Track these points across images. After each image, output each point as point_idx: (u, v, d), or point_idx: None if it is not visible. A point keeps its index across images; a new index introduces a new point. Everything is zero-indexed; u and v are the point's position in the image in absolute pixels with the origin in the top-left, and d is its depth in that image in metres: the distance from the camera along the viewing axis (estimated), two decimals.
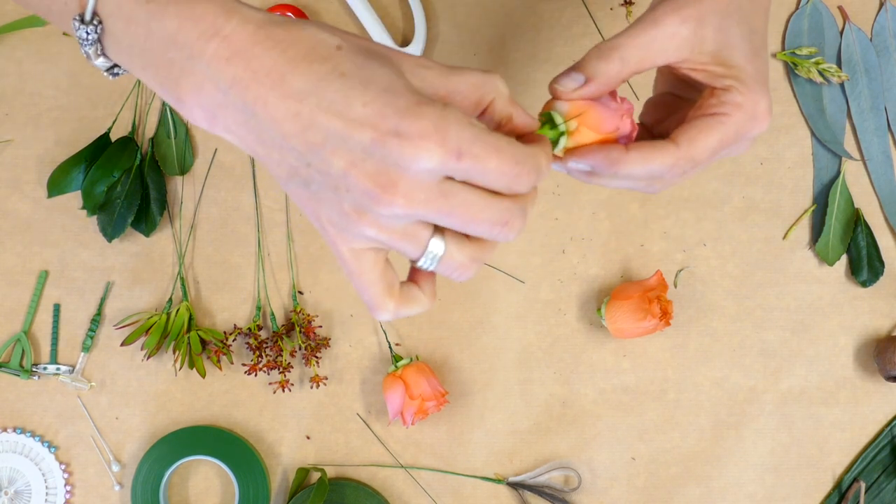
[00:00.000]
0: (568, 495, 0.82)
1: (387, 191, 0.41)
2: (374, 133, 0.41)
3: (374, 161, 0.41)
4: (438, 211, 0.43)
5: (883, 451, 0.82)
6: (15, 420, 0.82)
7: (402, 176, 0.41)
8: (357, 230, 0.43)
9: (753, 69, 0.53)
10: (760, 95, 0.52)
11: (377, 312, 0.48)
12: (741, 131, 0.52)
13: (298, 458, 0.82)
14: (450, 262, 0.46)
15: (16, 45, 0.83)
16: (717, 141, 0.52)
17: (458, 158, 0.41)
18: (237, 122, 0.44)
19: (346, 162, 0.42)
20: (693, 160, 0.52)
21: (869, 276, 0.82)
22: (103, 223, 0.81)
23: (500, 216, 0.44)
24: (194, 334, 0.80)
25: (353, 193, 0.42)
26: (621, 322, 0.78)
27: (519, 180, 0.44)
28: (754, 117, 0.52)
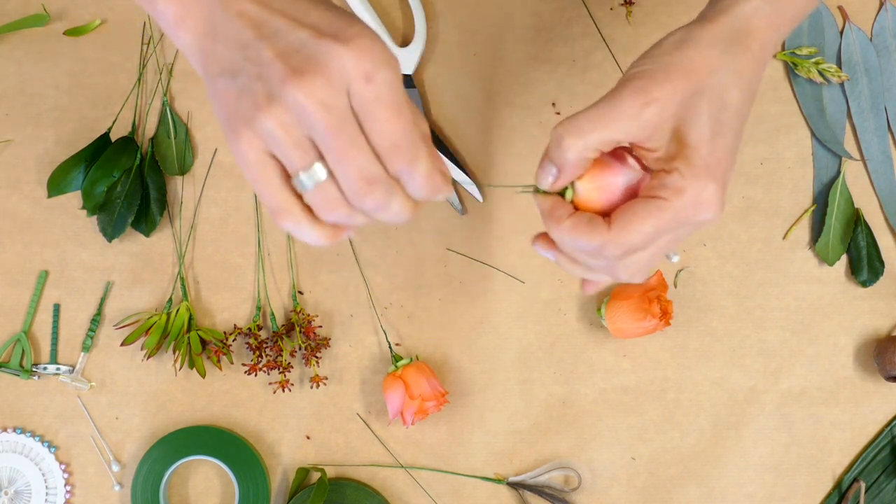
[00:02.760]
0: (568, 495, 0.82)
1: (297, 75, 0.44)
2: (315, 32, 0.45)
3: (301, 53, 0.44)
4: (329, 125, 0.44)
5: (883, 451, 0.82)
6: (15, 420, 0.82)
7: (318, 67, 0.44)
8: (261, 120, 0.45)
9: (708, 151, 0.51)
10: (708, 181, 0.50)
11: (278, 216, 0.48)
12: (680, 218, 0.50)
13: (298, 458, 0.82)
14: (325, 191, 0.47)
15: (16, 45, 0.83)
16: (651, 227, 0.50)
17: (366, 81, 0.44)
18: (202, 16, 0.48)
19: (276, 52, 0.45)
20: (624, 245, 0.51)
21: (869, 276, 0.82)
22: (103, 223, 0.81)
23: (369, 173, 0.46)
24: (194, 334, 0.80)
25: (271, 79, 0.45)
26: (621, 322, 0.78)
27: (395, 152, 0.46)
28: (696, 204, 0.50)
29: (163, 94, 0.83)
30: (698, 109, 0.51)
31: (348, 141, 0.45)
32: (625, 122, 0.50)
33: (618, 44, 0.83)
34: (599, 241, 0.51)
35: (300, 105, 0.44)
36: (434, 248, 0.82)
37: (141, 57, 0.83)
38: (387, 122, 0.45)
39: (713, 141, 0.51)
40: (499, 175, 0.83)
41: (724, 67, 0.52)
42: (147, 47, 0.83)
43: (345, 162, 0.46)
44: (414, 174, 0.47)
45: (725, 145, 0.51)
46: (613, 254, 0.51)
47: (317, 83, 0.44)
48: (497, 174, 0.83)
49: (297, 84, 0.44)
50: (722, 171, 0.51)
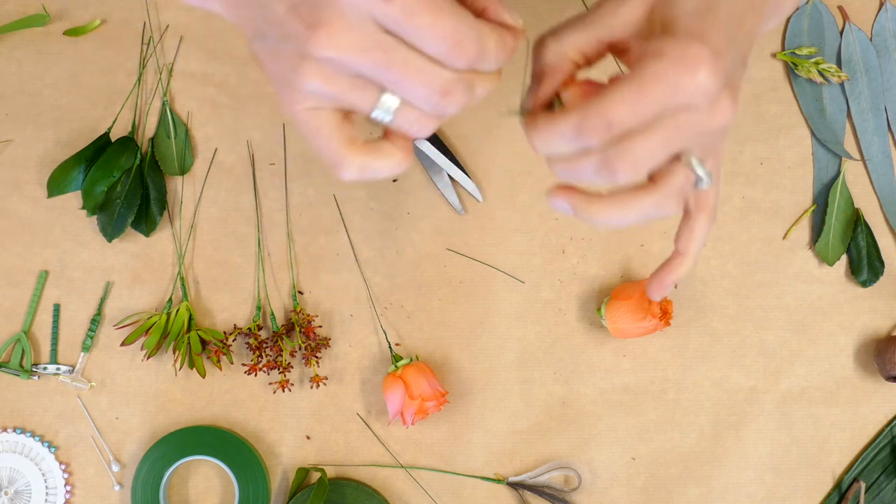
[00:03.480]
0: (568, 495, 0.82)
1: (315, 29, 0.41)
2: None
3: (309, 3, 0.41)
4: (374, 63, 0.41)
5: (883, 451, 0.82)
6: (15, 420, 0.82)
7: (332, 14, 0.40)
8: (304, 82, 0.42)
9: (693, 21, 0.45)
10: (692, 42, 0.44)
11: (340, 169, 0.45)
12: (665, 80, 0.43)
13: (298, 458, 0.82)
14: (407, 114, 0.44)
15: (16, 45, 0.83)
16: (633, 91, 0.44)
17: (386, 2, 0.40)
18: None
19: (286, 6, 0.42)
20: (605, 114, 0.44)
21: (869, 276, 0.82)
22: (103, 223, 0.81)
23: (440, 84, 0.43)
24: (194, 334, 0.80)
25: (294, 39, 0.42)
26: (621, 322, 0.78)
27: (456, 53, 0.42)
28: (683, 63, 0.43)
29: (163, 94, 0.83)
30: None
31: (400, 67, 0.42)
32: (604, 20, 0.47)
33: None
34: (578, 115, 0.45)
35: (333, 58, 0.41)
36: (434, 248, 0.82)
37: (141, 57, 0.83)
38: (431, 28, 0.41)
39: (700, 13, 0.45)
40: (499, 175, 0.83)
41: None
42: (147, 47, 0.83)
43: (409, 88, 0.43)
44: (486, 56, 0.44)
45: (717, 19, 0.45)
46: (597, 127, 0.44)
47: (336, 31, 0.41)
48: (497, 174, 0.83)
49: (319, 40, 0.41)
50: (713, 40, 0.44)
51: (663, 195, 0.48)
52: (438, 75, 0.43)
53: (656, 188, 0.47)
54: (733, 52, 0.46)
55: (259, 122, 0.83)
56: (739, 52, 0.47)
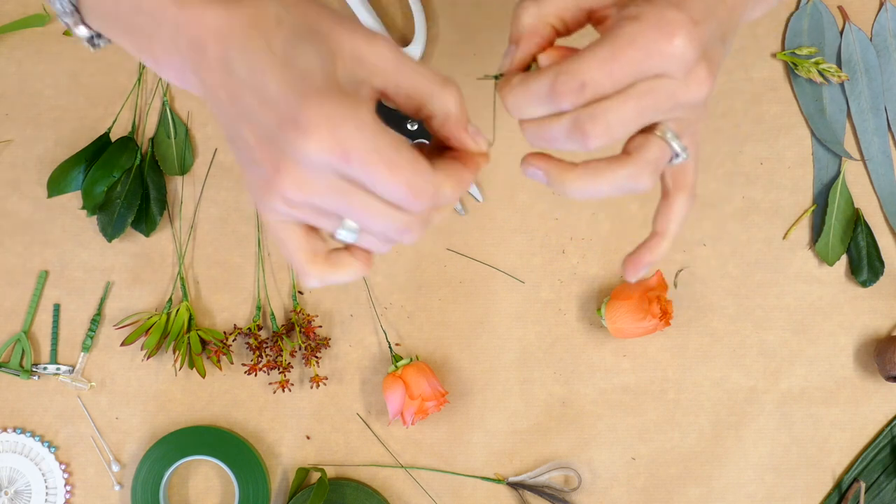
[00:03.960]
0: (568, 495, 0.82)
1: (280, 174, 0.42)
2: (277, 118, 0.42)
3: (273, 145, 0.42)
4: (336, 206, 0.43)
5: (883, 451, 0.82)
6: (15, 420, 0.82)
7: (294, 164, 0.42)
8: (270, 202, 0.44)
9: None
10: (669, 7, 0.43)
11: (302, 278, 0.47)
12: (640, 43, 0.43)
13: (298, 458, 0.82)
14: (369, 238, 0.46)
15: (16, 45, 0.83)
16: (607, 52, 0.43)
17: (346, 161, 0.41)
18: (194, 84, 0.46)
19: (255, 138, 0.43)
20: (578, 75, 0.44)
21: (869, 276, 0.82)
22: (103, 223, 0.81)
23: (398, 224, 0.44)
24: (194, 334, 0.80)
25: (262, 168, 0.43)
26: (621, 322, 0.78)
27: (412, 202, 0.43)
28: (659, 27, 0.43)
29: (163, 94, 0.83)
30: None
31: (361, 207, 0.43)
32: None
33: None
34: (551, 74, 0.44)
35: (295, 197, 0.43)
36: (434, 248, 0.82)
37: None
38: (388, 182, 0.42)
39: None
40: (499, 175, 0.83)
41: None
42: None
43: (370, 225, 0.44)
44: (442, 199, 0.45)
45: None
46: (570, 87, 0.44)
47: (299, 179, 0.42)
48: (497, 174, 0.83)
49: (283, 181, 0.42)
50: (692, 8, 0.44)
51: (637, 167, 0.47)
52: (396, 217, 0.44)
53: (630, 159, 0.47)
54: (713, 25, 0.45)
55: None
56: (720, 27, 0.46)
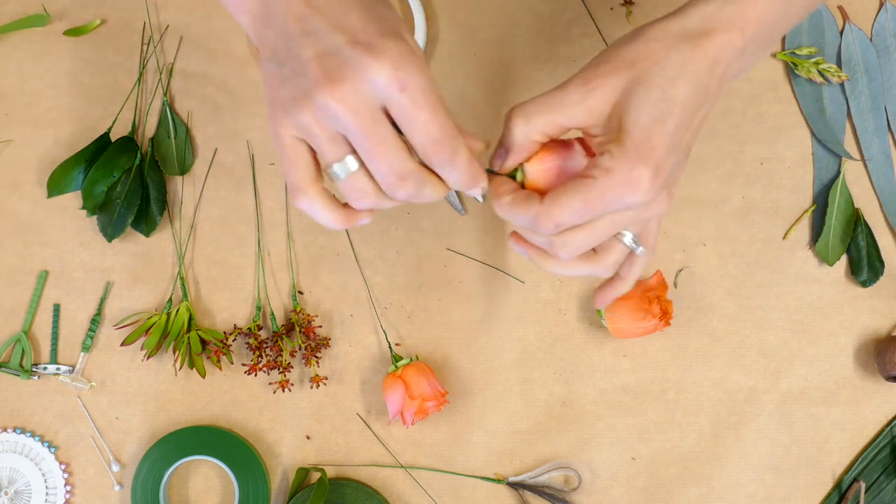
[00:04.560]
0: (568, 495, 0.82)
1: (331, 82, 0.48)
2: (350, 39, 0.48)
3: (336, 59, 0.48)
4: (360, 128, 0.49)
5: (883, 451, 0.82)
6: (15, 420, 0.82)
7: (351, 76, 0.48)
8: (298, 114, 0.49)
9: (642, 137, 0.51)
10: (638, 163, 0.51)
11: (296, 196, 0.52)
12: (608, 196, 0.51)
13: (298, 458, 0.82)
14: (357, 181, 0.51)
15: (16, 45, 0.83)
16: (579, 202, 0.52)
17: (401, 90, 0.48)
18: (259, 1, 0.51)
19: (315, 52, 0.49)
20: (554, 218, 0.52)
21: (869, 276, 0.82)
22: (103, 223, 0.81)
23: (401, 169, 0.50)
24: (194, 334, 0.80)
25: (308, 79, 0.49)
26: (621, 322, 0.78)
27: (435, 148, 0.50)
28: (624, 184, 0.51)
29: (163, 94, 0.83)
30: (637, 97, 0.52)
31: (379, 140, 0.49)
32: (569, 108, 0.53)
33: None
34: (533, 213, 0.53)
35: (331, 109, 0.48)
36: (434, 248, 0.82)
37: (141, 57, 0.83)
38: (427, 123, 0.49)
39: (650, 127, 0.51)
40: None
41: (669, 60, 0.52)
42: (147, 47, 0.83)
43: (377, 159, 0.50)
44: (456, 164, 0.51)
45: (664, 133, 0.52)
46: (547, 227, 0.53)
47: (347, 91, 0.48)
48: None
49: (329, 90, 0.48)
50: (657, 157, 0.51)
51: (601, 265, 0.57)
52: (404, 161, 0.50)
53: (596, 260, 0.57)
54: (676, 156, 0.53)
55: (259, 122, 0.83)
56: (684, 150, 0.54)
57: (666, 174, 0.52)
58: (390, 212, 0.82)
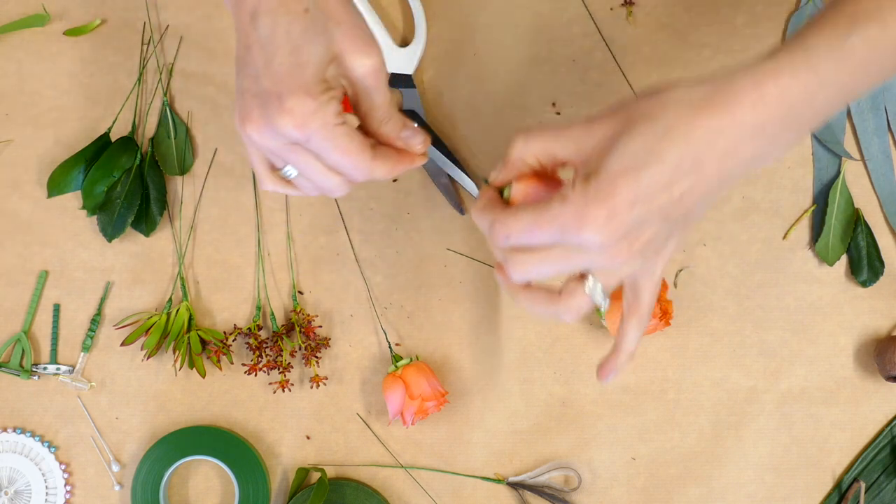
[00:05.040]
0: (568, 495, 0.82)
1: (252, 121, 0.58)
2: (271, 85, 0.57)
3: (259, 99, 0.58)
4: (286, 158, 0.59)
5: (883, 451, 0.82)
6: (15, 420, 0.82)
7: (267, 121, 0.57)
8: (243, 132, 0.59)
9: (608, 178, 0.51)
10: (596, 204, 0.51)
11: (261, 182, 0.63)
12: (559, 224, 0.52)
13: (298, 458, 0.82)
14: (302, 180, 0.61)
15: (16, 45, 0.83)
16: (530, 219, 0.53)
17: (306, 141, 0.57)
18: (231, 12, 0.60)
19: (250, 84, 0.58)
20: (507, 228, 0.54)
21: (869, 276, 0.82)
22: (103, 223, 0.81)
23: (329, 184, 0.60)
24: (194, 334, 0.80)
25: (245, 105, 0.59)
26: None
27: (350, 175, 0.60)
28: (577, 217, 0.51)
29: (163, 94, 0.83)
30: (620, 143, 0.52)
31: (303, 165, 0.59)
32: (566, 142, 0.55)
33: (618, 44, 0.83)
34: (491, 217, 0.55)
35: (257, 141, 0.58)
36: (434, 248, 0.82)
37: (141, 57, 0.83)
38: (337, 160, 0.59)
39: (620, 173, 0.51)
40: None
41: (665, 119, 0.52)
42: (147, 47, 0.83)
43: (309, 176, 0.60)
44: (375, 177, 0.61)
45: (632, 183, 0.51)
46: (498, 235, 0.55)
47: (265, 132, 0.58)
48: None
49: (254, 127, 0.58)
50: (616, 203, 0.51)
51: (562, 309, 0.57)
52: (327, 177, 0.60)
53: (560, 300, 0.57)
54: (641, 211, 0.52)
55: None
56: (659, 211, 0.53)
57: (625, 225, 0.52)
58: (390, 212, 0.82)
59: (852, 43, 0.53)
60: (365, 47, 0.59)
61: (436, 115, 0.83)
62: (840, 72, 0.53)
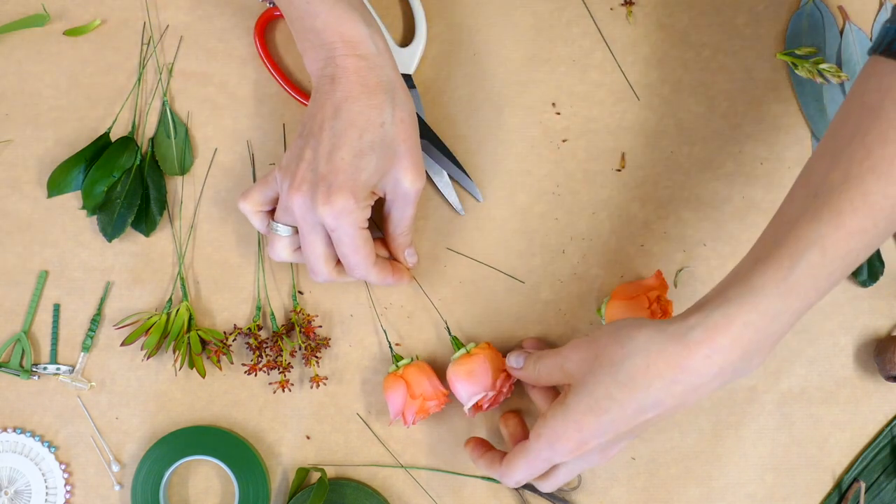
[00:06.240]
0: (568, 495, 0.82)
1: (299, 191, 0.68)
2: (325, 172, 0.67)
3: (312, 177, 0.68)
4: (299, 225, 0.70)
5: (883, 451, 0.82)
6: (15, 420, 0.82)
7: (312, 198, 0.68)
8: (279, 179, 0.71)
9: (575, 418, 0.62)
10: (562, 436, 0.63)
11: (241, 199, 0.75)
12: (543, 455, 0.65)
13: (298, 458, 0.82)
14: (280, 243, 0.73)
15: (16, 45, 0.83)
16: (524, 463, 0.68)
17: (333, 230, 0.69)
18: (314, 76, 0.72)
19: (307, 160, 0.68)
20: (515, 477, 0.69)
21: (869, 276, 0.82)
22: (103, 223, 0.81)
23: (315, 267, 0.72)
24: (194, 334, 0.80)
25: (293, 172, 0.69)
26: None
27: (350, 270, 0.72)
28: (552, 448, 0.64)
29: (163, 94, 0.83)
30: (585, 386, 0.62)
31: (310, 242, 0.70)
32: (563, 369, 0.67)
33: (618, 44, 0.83)
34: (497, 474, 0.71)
35: (289, 205, 0.69)
36: (434, 248, 0.82)
37: (141, 57, 0.83)
38: (348, 255, 0.70)
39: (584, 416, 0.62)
40: (499, 175, 0.83)
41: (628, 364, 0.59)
42: (147, 47, 0.83)
43: (305, 248, 0.71)
44: (365, 278, 0.73)
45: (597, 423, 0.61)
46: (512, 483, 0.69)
47: (303, 205, 0.68)
48: (497, 174, 0.83)
49: (295, 195, 0.68)
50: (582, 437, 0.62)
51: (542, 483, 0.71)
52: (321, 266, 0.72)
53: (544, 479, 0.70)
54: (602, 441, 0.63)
55: (259, 122, 0.83)
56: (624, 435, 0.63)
57: (592, 447, 0.63)
58: None
59: (796, 276, 0.57)
60: (420, 171, 0.70)
61: (436, 115, 0.83)
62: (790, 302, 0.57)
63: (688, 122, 0.83)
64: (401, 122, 0.68)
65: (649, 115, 0.83)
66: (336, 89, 0.67)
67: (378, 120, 0.67)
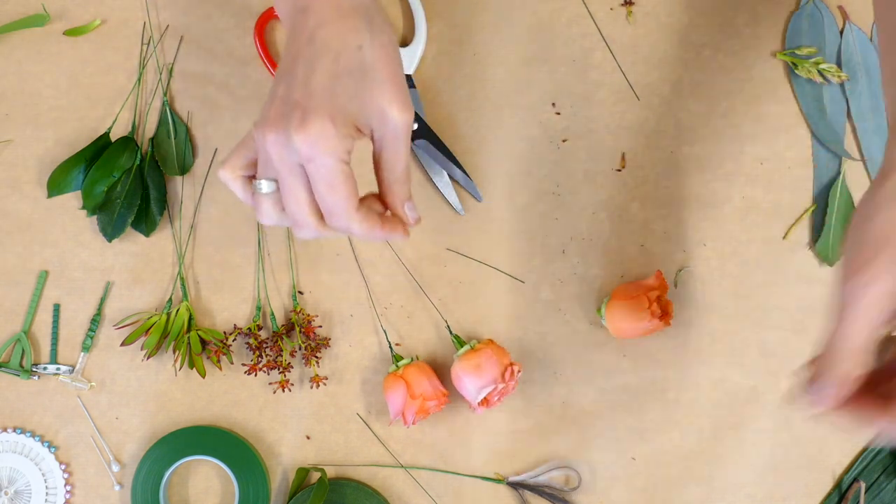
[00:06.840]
0: (568, 495, 0.82)
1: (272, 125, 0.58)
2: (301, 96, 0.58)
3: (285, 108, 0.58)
4: (277, 171, 0.59)
5: (883, 451, 0.82)
6: (15, 420, 0.82)
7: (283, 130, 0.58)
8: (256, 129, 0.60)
9: None
10: None
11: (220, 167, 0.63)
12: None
13: (298, 458, 0.82)
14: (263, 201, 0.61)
15: (16, 45, 0.83)
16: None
17: (308, 161, 0.58)
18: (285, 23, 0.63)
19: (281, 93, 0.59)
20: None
21: None
22: (103, 223, 0.81)
23: (298, 218, 0.60)
24: (194, 334, 0.80)
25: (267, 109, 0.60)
26: (621, 322, 0.78)
27: (331, 215, 0.60)
28: None
29: (163, 94, 0.83)
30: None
31: (289, 188, 0.59)
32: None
33: (618, 44, 0.83)
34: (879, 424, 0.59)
35: (265, 145, 0.59)
36: (434, 248, 0.82)
37: (141, 57, 0.83)
38: (324, 194, 0.59)
39: None
40: (499, 175, 0.83)
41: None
42: (147, 47, 0.83)
43: (286, 199, 0.60)
44: (350, 231, 0.61)
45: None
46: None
47: (278, 140, 0.58)
48: (497, 174, 0.83)
49: (269, 130, 0.58)
50: None
51: None
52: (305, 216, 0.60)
53: None
54: None
55: None
56: None
57: None
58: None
59: None
60: (407, 101, 0.61)
61: (436, 115, 0.83)
62: None
63: (688, 122, 0.83)
64: (381, 47, 0.61)
65: (649, 115, 0.83)
66: (308, 18, 0.61)
67: (354, 43, 0.60)
